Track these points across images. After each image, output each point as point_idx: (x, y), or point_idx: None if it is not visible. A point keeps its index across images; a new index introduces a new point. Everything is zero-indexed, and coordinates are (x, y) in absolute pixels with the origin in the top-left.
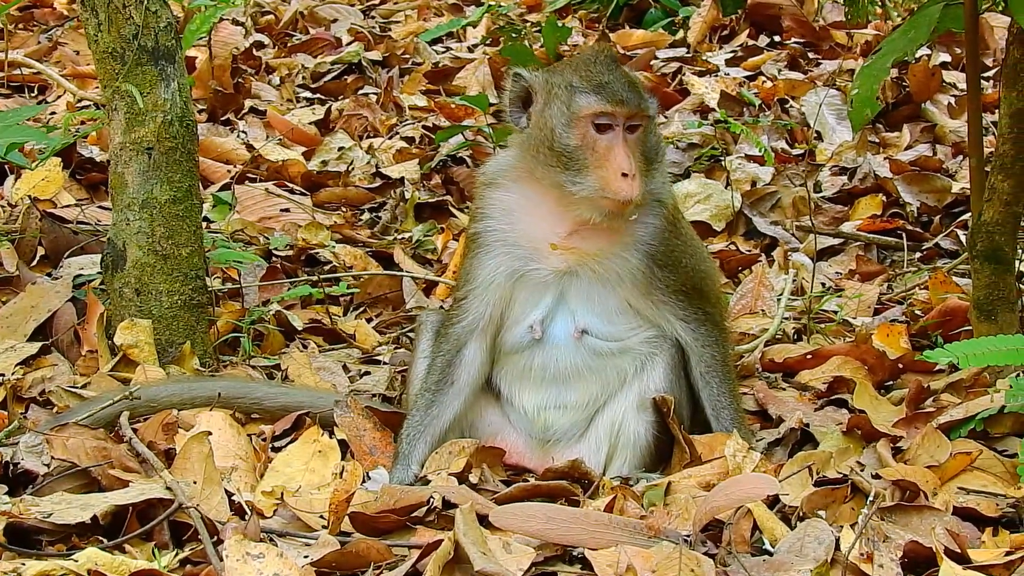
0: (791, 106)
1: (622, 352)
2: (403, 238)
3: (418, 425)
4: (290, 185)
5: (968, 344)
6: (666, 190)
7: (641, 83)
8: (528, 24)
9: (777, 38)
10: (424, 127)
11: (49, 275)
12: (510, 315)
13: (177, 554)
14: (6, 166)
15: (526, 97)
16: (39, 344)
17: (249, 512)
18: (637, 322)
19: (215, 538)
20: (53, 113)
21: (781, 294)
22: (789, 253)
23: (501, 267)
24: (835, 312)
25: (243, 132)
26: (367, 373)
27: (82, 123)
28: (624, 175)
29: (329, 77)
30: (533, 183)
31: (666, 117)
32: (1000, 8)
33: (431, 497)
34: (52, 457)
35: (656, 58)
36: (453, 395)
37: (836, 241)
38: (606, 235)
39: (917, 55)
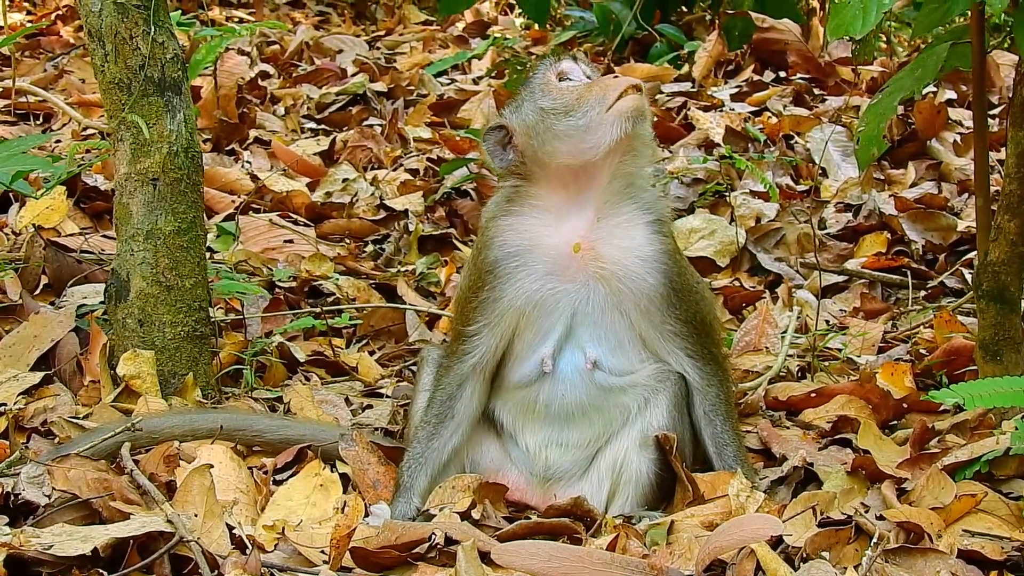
0: (796, 142)
1: (628, 388)
2: (407, 271)
3: (419, 457)
4: (294, 216)
5: (974, 385)
6: (666, 211)
7: None
8: (533, 57)
9: (782, 73)
10: (428, 159)
11: (52, 304)
12: (518, 346)
13: None
14: (10, 194)
15: (504, 139)
16: (41, 374)
17: (250, 546)
18: (645, 354)
19: (216, 572)
20: (58, 141)
21: (785, 331)
22: (793, 290)
23: (522, 292)
24: (839, 350)
25: (247, 162)
26: (369, 407)
27: (87, 151)
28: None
29: (334, 108)
30: (542, 193)
31: (671, 152)
32: (1007, 46)
33: (433, 533)
34: (53, 488)
35: (661, 92)
36: (453, 428)
37: (840, 278)
38: (626, 241)
39: (923, 92)
